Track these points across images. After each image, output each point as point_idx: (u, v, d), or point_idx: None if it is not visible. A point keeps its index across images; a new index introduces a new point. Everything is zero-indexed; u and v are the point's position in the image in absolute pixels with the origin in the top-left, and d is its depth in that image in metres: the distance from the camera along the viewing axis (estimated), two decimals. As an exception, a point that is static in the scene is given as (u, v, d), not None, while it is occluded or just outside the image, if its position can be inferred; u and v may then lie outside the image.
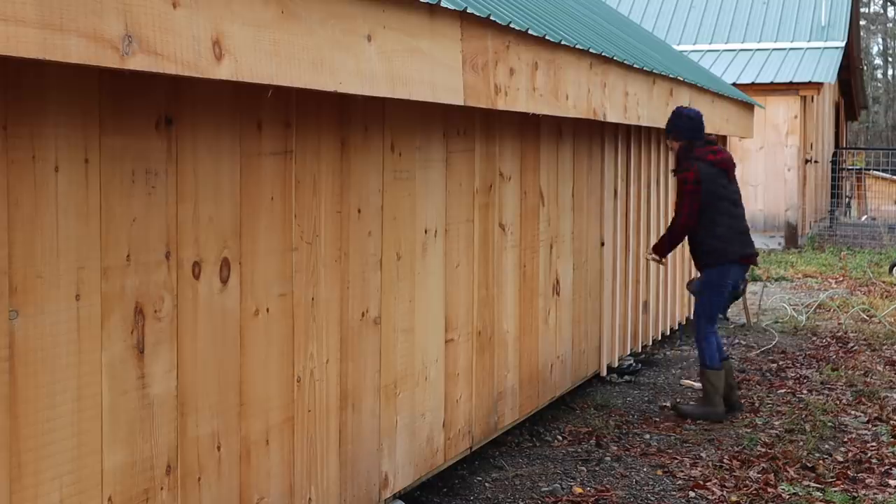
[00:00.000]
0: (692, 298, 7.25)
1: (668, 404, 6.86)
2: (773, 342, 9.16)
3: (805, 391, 7.36)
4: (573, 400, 6.80)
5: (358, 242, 4.08)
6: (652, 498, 5.07)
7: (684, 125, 6.67)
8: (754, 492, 5.14)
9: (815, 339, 9.46)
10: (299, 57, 3.03)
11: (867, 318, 10.51)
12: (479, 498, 5.01)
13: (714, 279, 6.60)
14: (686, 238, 6.78)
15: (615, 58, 6.02)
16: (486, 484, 5.20)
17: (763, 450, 5.86)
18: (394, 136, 4.30)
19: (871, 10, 52.14)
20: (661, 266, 7.48)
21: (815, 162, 19.00)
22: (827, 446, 5.99)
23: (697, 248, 6.65)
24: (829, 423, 6.45)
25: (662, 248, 6.87)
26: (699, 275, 6.75)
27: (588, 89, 5.62)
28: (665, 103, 7.23)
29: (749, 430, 6.29)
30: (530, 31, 4.67)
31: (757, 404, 6.93)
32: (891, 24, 53.37)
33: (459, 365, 4.96)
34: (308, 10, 3.07)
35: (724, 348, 7.39)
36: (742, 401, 6.88)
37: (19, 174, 2.59)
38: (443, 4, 3.79)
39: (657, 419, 6.51)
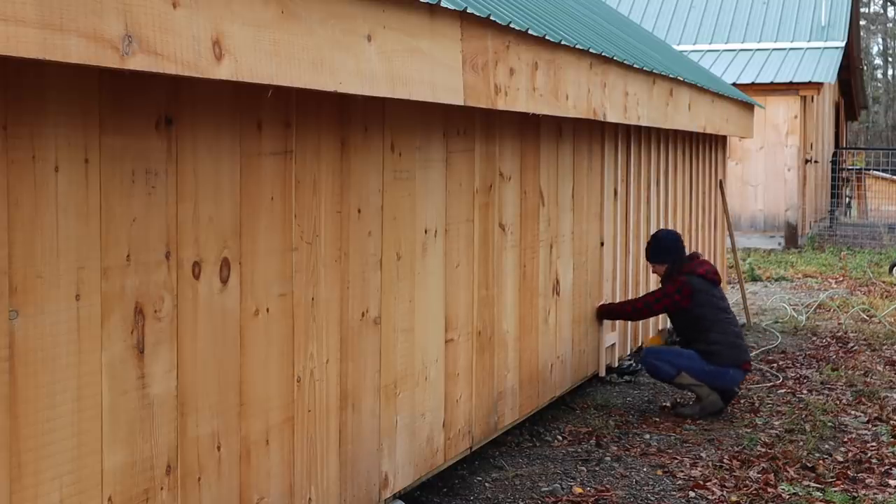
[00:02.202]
0: None
1: (667, 404, 6.87)
2: (776, 343, 9.16)
3: (805, 391, 7.36)
4: (573, 400, 6.80)
5: (358, 242, 4.08)
6: (652, 498, 5.07)
7: (666, 248, 6.88)
8: (754, 492, 5.14)
9: (815, 339, 9.46)
10: (299, 57, 3.03)
11: (867, 318, 10.51)
12: (479, 498, 5.01)
13: (712, 370, 6.58)
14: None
15: (615, 58, 6.02)
16: (486, 484, 5.20)
17: (763, 450, 5.86)
18: (394, 136, 4.30)
19: (871, 10, 52.15)
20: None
21: (815, 162, 19.01)
22: (827, 446, 5.99)
23: (703, 349, 6.65)
24: (829, 423, 6.46)
25: (607, 314, 6.93)
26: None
27: (588, 89, 5.62)
28: (665, 103, 7.23)
29: (749, 430, 6.29)
30: (530, 31, 4.67)
31: (757, 404, 6.93)
32: (891, 24, 53.37)
33: (459, 365, 4.96)
34: (308, 10, 3.07)
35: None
36: (741, 401, 6.88)
37: (19, 174, 2.59)
38: (443, 4, 3.79)
39: (657, 419, 6.51)
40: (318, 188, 3.80)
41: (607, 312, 6.94)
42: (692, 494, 5.11)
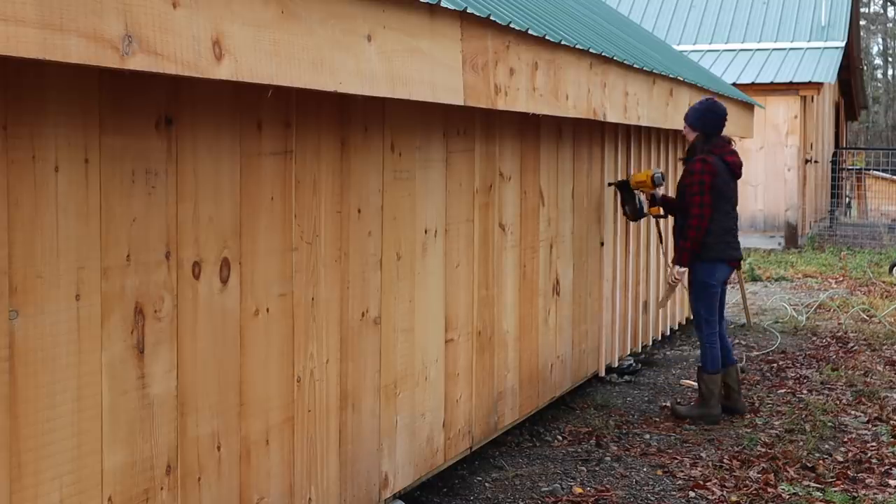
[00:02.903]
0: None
1: (667, 404, 6.86)
2: (776, 343, 9.16)
3: (805, 391, 7.36)
4: (573, 400, 6.80)
5: (358, 242, 4.08)
6: (652, 498, 5.07)
7: (707, 117, 6.60)
8: (754, 492, 5.14)
9: (815, 339, 9.46)
10: (299, 57, 3.04)
11: (867, 318, 10.51)
12: (479, 498, 5.01)
13: (702, 277, 6.53)
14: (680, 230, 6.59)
15: (615, 58, 6.02)
16: (486, 484, 5.20)
17: (763, 450, 5.86)
18: (394, 135, 4.30)
19: (871, 10, 52.14)
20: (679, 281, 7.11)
21: (815, 162, 19.01)
22: (827, 446, 5.99)
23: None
24: (829, 423, 6.45)
25: (684, 257, 6.53)
26: (674, 268, 6.61)
27: (588, 89, 5.62)
28: (665, 103, 7.23)
29: (749, 430, 6.29)
30: (530, 31, 4.68)
31: (757, 404, 6.93)
32: (891, 24, 53.38)
33: (459, 365, 4.96)
34: (308, 10, 3.07)
35: (734, 352, 7.39)
36: (744, 401, 6.87)
37: (19, 174, 2.59)
38: (443, 4, 3.79)
39: (657, 419, 6.51)
40: (318, 188, 3.80)
41: (681, 256, 6.52)
42: (692, 494, 5.11)
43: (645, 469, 5.49)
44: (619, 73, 6.15)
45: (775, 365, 8.24)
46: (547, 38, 4.89)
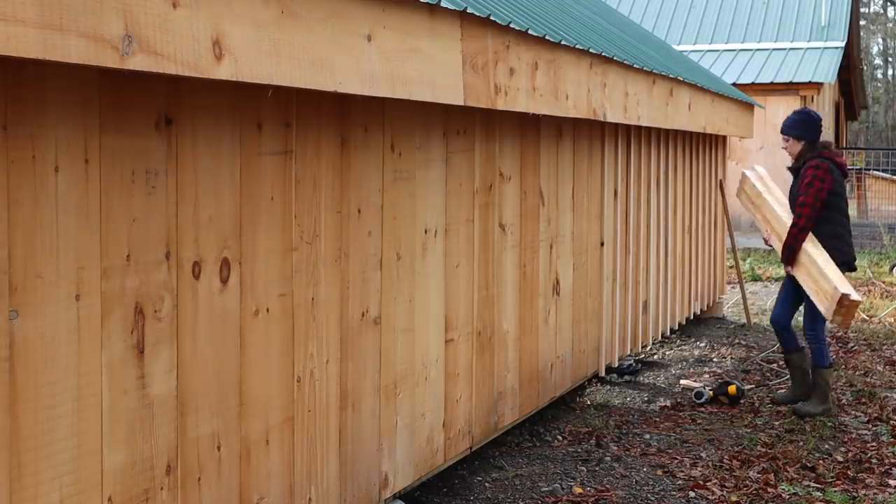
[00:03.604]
0: (692, 296, 7.22)
1: (668, 404, 6.86)
2: (776, 343, 9.16)
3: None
4: (573, 400, 6.80)
5: (358, 242, 4.08)
6: (652, 498, 5.07)
7: (807, 125, 6.83)
8: (754, 492, 5.14)
9: (815, 339, 9.45)
10: (299, 57, 3.04)
11: (867, 318, 10.51)
12: (479, 498, 5.01)
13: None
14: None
15: (615, 58, 6.02)
16: (486, 484, 5.20)
17: (763, 450, 5.86)
18: (394, 135, 4.30)
19: (871, 10, 52.15)
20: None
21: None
22: (827, 446, 5.99)
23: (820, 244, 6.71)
24: (829, 423, 6.45)
25: (790, 257, 6.71)
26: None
27: (588, 89, 5.62)
28: (665, 103, 7.23)
29: (749, 430, 6.29)
30: (530, 31, 4.68)
31: (757, 404, 6.93)
32: (891, 24, 53.37)
33: (459, 365, 4.96)
34: (308, 9, 3.07)
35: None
36: (742, 401, 6.87)
37: (19, 174, 2.59)
38: (443, 4, 3.79)
39: (657, 419, 6.51)
40: (319, 188, 3.80)
41: (787, 255, 6.71)
42: (692, 494, 5.11)
43: (645, 469, 5.49)
44: (619, 73, 6.15)
45: (775, 365, 8.24)
46: (547, 38, 4.89)
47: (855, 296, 6.41)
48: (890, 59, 53.73)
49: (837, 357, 8.60)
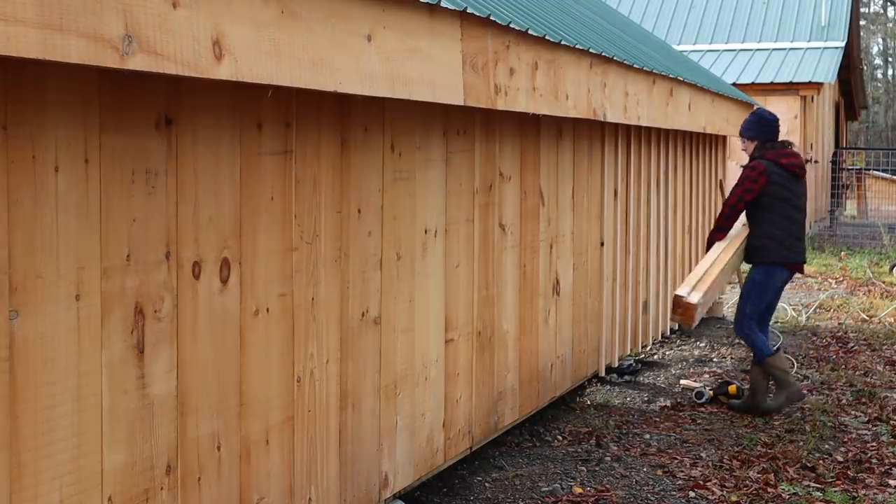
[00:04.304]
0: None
1: (668, 404, 6.86)
2: (776, 343, 9.16)
3: (805, 391, 7.36)
4: (573, 400, 6.80)
5: (358, 242, 4.08)
6: (652, 498, 5.07)
7: (759, 126, 6.88)
8: (754, 492, 5.14)
9: (815, 339, 9.46)
10: (299, 57, 3.04)
11: (867, 318, 10.51)
12: (479, 498, 5.01)
13: (760, 278, 6.78)
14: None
15: (615, 58, 6.02)
16: (486, 484, 5.20)
17: (763, 450, 5.86)
18: (394, 135, 4.30)
19: (871, 10, 52.16)
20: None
21: (816, 162, 19.00)
22: (827, 446, 5.99)
23: (750, 244, 6.82)
24: (829, 423, 6.46)
25: (708, 242, 7.05)
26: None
27: (588, 89, 5.62)
28: (665, 103, 7.23)
29: (749, 430, 6.29)
30: (530, 31, 4.68)
31: (757, 404, 6.93)
32: (891, 24, 53.38)
33: (459, 365, 4.96)
34: (308, 9, 3.07)
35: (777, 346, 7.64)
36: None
37: (19, 174, 2.59)
38: (443, 4, 3.79)
39: (657, 419, 6.51)
40: (319, 188, 3.80)
41: (710, 239, 7.05)
42: (692, 494, 5.11)
43: (645, 469, 5.49)
44: (619, 73, 6.15)
45: (775, 365, 8.24)
46: (547, 38, 4.89)
47: (691, 298, 6.55)
48: (890, 59, 53.73)
49: (837, 357, 8.60)
